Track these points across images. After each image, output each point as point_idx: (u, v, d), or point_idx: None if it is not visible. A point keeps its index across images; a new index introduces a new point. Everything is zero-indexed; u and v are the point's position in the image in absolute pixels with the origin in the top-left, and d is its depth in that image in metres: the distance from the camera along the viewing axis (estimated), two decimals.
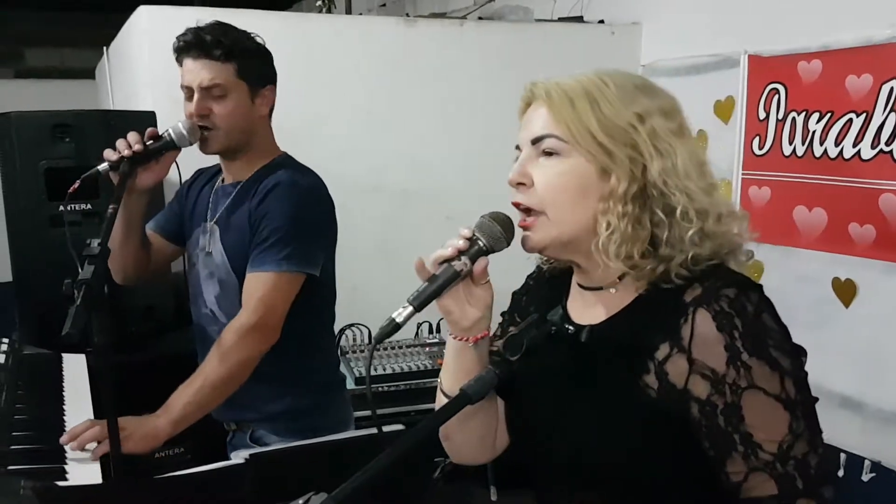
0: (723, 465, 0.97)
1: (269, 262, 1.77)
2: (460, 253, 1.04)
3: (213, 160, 2.00)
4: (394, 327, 0.99)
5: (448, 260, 1.04)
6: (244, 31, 1.87)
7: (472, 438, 1.22)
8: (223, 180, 1.97)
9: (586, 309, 1.11)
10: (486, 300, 1.08)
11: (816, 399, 0.99)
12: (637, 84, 1.06)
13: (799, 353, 0.98)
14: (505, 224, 1.06)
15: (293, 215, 1.80)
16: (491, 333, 1.14)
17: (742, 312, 0.95)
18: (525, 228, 1.06)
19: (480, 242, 1.05)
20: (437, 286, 1.02)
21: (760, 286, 0.99)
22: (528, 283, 1.28)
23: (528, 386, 1.15)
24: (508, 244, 1.07)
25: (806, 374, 0.98)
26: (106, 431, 1.54)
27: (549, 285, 1.21)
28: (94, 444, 1.59)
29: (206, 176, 2.04)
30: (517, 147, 1.09)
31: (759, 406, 0.95)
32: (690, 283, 0.99)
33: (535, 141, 1.05)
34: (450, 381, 1.12)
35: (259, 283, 1.78)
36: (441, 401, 1.16)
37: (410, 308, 1.00)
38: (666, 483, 1.02)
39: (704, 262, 1.01)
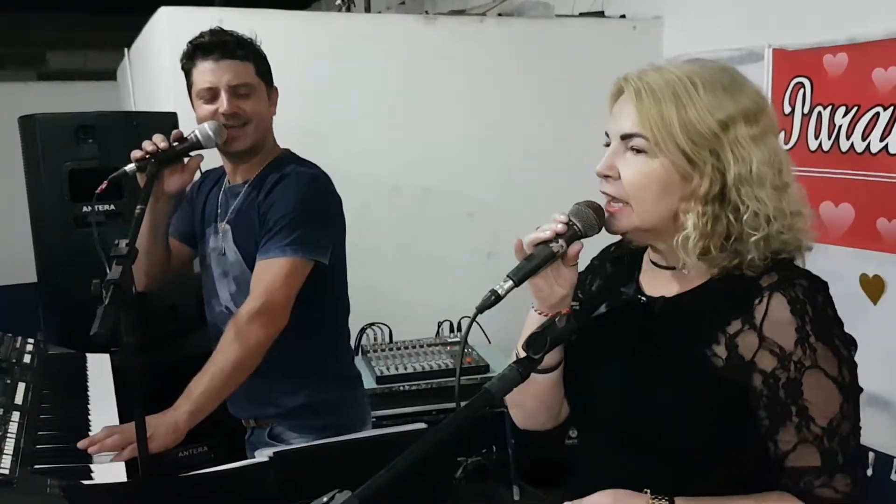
0: (774, 434, 1.08)
1: (273, 249, 1.79)
2: (557, 236, 1.11)
3: (218, 162, 2.01)
4: (496, 298, 1.05)
5: (545, 241, 1.10)
6: (245, 35, 1.89)
7: (541, 407, 1.31)
8: (229, 181, 1.98)
9: (658, 284, 1.21)
10: (572, 279, 1.17)
11: (861, 389, 1.10)
12: (725, 84, 1.10)
13: (851, 344, 1.10)
14: (599, 211, 1.14)
15: (297, 203, 1.82)
16: None
17: (813, 302, 1.06)
18: (611, 213, 1.14)
19: (576, 227, 1.12)
20: (534, 264, 1.09)
21: (826, 284, 1.10)
22: (592, 263, 1.37)
23: (591, 349, 1.23)
24: (600, 230, 1.14)
25: (856, 364, 1.09)
26: (127, 437, 1.55)
27: (616, 264, 1.32)
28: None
29: (212, 178, 2.06)
30: (606, 134, 1.16)
31: (818, 384, 1.06)
32: (766, 270, 1.09)
33: (625, 137, 1.12)
34: None
35: (265, 270, 1.79)
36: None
37: (511, 282, 1.07)
38: (716, 450, 1.11)
39: (773, 256, 1.10)
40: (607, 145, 1.15)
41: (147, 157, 1.73)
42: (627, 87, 1.12)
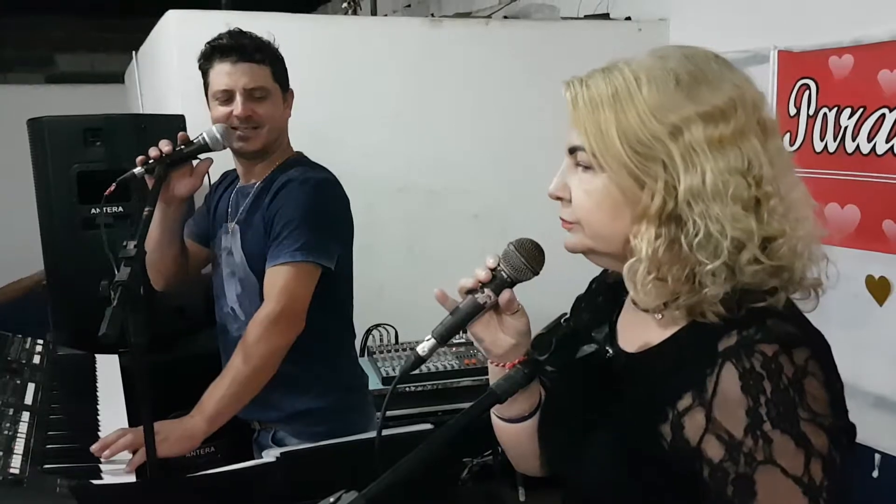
0: None
1: (283, 255, 1.79)
2: (483, 285, 1.01)
3: (232, 163, 2.02)
4: (417, 361, 0.99)
5: (471, 291, 1.01)
6: (264, 37, 1.89)
7: (524, 456, 1.20)
8: (241, 182, 1.99)
9: (633, 330, 1.03)
10: (518, 327, 1.04)
11: (850, 486, 0.87)
12: (683, 82, 0.90)
13: (842, 430, 0.86)
14: (530, 254, 1.01)
15: (304, 208, 1.82)
16: None
17: (775, 375, 0.82)
18: (566, 230, 1.00)
19: (504, 273, 1.02)
20: (459, 319, 1.01)
21: (815, 341, 0.87)
22: (590, 287, 1.21)
23: (558, 401, 1.12)
24: (535, 274, 1.02)
25: (842, 456, 0.85)
26: (139, 440, 1.55)
27: (607, 294, 1.13)
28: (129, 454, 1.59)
29: (229, 178, 2.07)
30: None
31: (774, 485, 0.82)
32: (731, 326, 0.87)
33: (572, 151, 0.96)
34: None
35: (277, 276, 1.79)
36: (494, 421, 1.16)
37: (433, 341, 1.00)
38: None
39: (747, 302, 0.88)
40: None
41: (151, 161, 1.73)
42: (567, 93, 0.95)
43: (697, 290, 0.89)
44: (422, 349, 0.99)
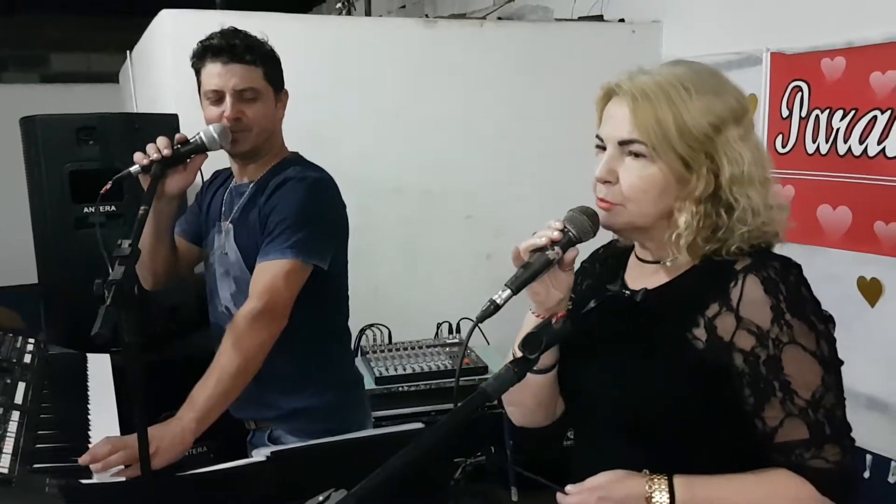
0: (760, 411, 1.11)
1: (273, 252, 1.79)
2: (553, 243, 1.12)
3: (226, 161, 2.01)
4: (494, 308, 1.06)
5: (541, 249, 1.11)
6: (258, 37, 1.89)
7: (539, 406, 1.33)
8: (235, 181, 1.99)
9: (643, 278, 1.24)
10: (568, 283, 1.18)
11: (842, 362, 1.12)
12: (714, 87, 1.15)
13: (829, 320, 1.13)
14: (593, 217, 1.16)
15: (298, 207, 1.82)
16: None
17: (786, 281, 1.10)
18: (606, 210, 1.17)
19: (571, 233, 1.13)
20: (531, 272, 1.10)
21: (799, 266, 1.13)
22: (583, 265, 1.40)
23: (582, 345, 1.24)
24: (594, 235, 1.16)
25: (835, 339, 1.12)
26: (133, 453, 1.50)
27: (605, 264, 1.37)
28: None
29: (221, 177, 2.06)
30: (598, 136, 1.19)
31: (797, 359, 1.09)
32: (742, 256, 1.13)
33: (623, 143, 1.14)
34: None
35: (264, 272, 1.79)
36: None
37: (509, 291, 1.08)
38: (704, 432, 1.14)
39: (751, 244, 1.14)
40: (601, 149, 1.18)
41: (151, 163, 1.73)
42: (620, 91, 1.15)
43: (720, 241, 1.14)
44: (499, 298, 1.06)
